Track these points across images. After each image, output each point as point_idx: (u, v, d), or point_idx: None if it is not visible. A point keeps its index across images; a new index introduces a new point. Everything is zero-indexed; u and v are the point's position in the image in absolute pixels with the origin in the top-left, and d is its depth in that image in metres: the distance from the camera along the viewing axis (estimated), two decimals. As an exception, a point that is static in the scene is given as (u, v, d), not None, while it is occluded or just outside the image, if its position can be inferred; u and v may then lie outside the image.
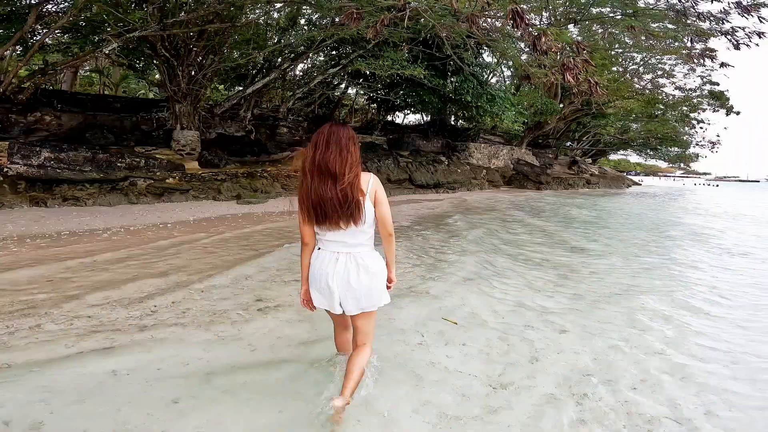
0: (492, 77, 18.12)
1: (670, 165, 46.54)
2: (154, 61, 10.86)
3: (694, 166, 47.88)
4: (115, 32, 7.73)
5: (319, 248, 2.04)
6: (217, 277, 4.17)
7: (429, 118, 20.26)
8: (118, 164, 8.73)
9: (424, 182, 15.50)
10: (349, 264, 1.98)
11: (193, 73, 10.95)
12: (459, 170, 17.51)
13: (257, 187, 10.18)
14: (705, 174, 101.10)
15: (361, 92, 18.29)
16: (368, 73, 13.13)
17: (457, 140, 19.88)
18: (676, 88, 20.53)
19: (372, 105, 19.26)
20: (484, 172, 19.51)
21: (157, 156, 9.93)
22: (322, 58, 15.04)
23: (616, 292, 4.42)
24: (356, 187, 1.91)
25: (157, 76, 13.30)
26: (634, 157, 46.59)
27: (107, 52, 8.62)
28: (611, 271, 5.42)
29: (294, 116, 14.23)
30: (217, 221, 7.39)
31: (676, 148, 36.02)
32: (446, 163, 17.27)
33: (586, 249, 6.96)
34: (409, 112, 21.05)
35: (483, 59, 15.36)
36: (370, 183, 1.97)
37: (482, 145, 20.51)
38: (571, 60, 5.08)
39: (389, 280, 2.14)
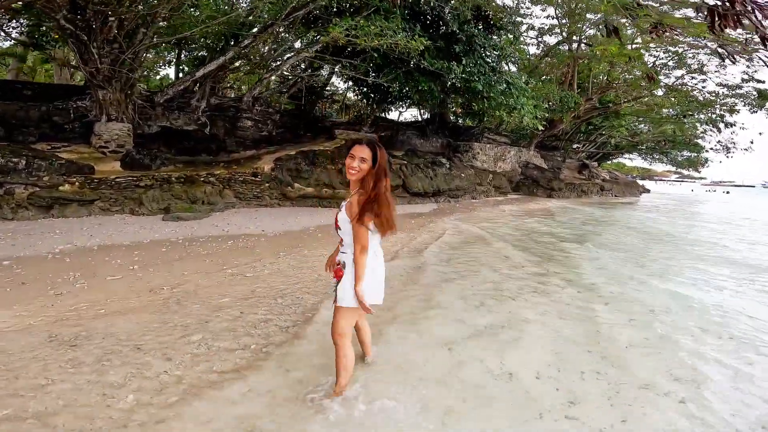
0: (502, 65, 15.47)
1: (678, 169, 44.26)
2: (57, 37, 8.20)
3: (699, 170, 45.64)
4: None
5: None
6: None
7: (427, 115, 17.63)
8: (-20, 165, 6.02)
9: (421, 189, 12.80)
10: None
11: (119, 52, 8.33)
12: (463, 174, 14.86)
13: (197, 197, 7.46)
14: (701, 179, 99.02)
15: (350, 84, 15.60)
16: (351, 49, 10.44)
17: (459, 139, 17.24)
18: (717, 85, 17.98)
19: (363, 99, 16.56)
20: (491, 177, 16.90)
21: (58, 154, 7.21)
22: (297, 43, 12.38)
23: None
24: None
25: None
26: (633, 161, 44.35)
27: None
28: None
29: (262, 107, 11.52)
30: (93, 258, 4.67)
31: (687, 152, 33.80)
32: (447, 165, 14.61)
33: None
34: (403, 107, 18.38)
35: (495, 41, 12.61)
36: None
37: (488, 145, 17.88)
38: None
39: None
